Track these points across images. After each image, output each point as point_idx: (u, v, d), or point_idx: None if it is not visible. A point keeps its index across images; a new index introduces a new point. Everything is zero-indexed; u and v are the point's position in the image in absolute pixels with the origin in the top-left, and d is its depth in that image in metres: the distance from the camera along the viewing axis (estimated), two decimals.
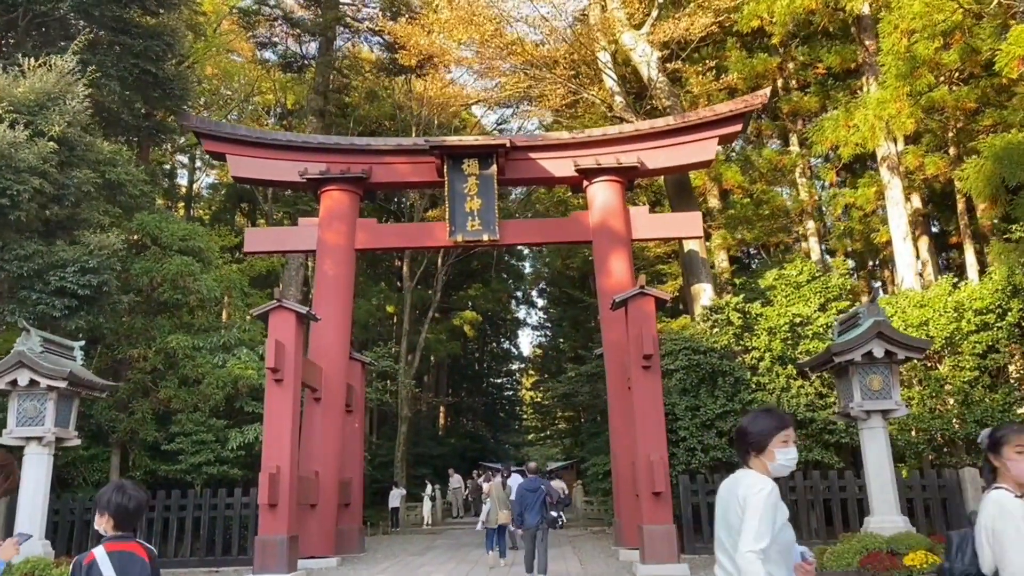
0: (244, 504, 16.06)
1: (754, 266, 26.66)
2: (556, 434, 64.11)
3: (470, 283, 44.50)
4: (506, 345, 62.57)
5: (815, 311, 16.55)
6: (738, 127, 17.42)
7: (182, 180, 39.07)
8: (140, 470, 17.40)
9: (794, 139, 23.27)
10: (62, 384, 11.65)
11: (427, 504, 27.76)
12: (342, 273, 17.17)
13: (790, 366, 16.15)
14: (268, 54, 29.27)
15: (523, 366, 64.71)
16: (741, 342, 16.43)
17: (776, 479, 3.29)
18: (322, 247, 17.21)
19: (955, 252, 23.92)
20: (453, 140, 17.25)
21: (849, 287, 18.04)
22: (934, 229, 23.60)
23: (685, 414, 16.13)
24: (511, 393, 65.26)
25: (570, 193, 25.14)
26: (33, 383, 11.56)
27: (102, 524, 3.33)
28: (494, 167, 17.09)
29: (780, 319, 16.16)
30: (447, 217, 17.32)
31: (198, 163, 40.47)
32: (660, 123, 17.39)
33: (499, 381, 62.67)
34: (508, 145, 16.86)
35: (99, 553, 3.23)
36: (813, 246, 22.32)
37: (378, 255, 40.54)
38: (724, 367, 16.16)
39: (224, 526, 15.68)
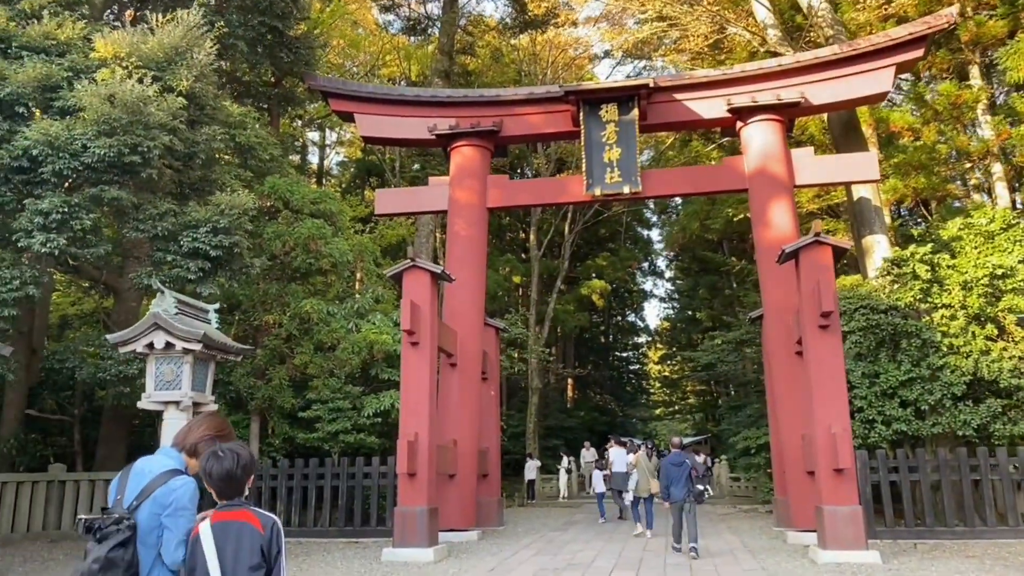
0: (382, 473, 15.52)
1: (918, 225, 23.81)
2: (685, 408, 62.18)
3: (597, 252, 43.08)
4: (632, 318, 60.88)
5: (1019, 262, 14.13)
6: (919, 52, 15.10)
7: (313, 159, 39.61)
8: (279, 437, 17.23)
9: (975, 71, 20.33)
10: (197, 346, 11.21)
11: (563, 477, 26.81)
12: (474, 233, 16.22)
13: (990, 325, 13.87)
14: (391, 18, 28.72)
15: (650, 339, 62.99)
16: (928, 299, 14.25)
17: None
18: (453, 206, 16.32)
19: None
20: (590, 84, 15.86)
21: None
22: None
23: (862, 382, 14.19)
24: (637, 367, 63.75)
25: (711, 145, 23.22)
26: (169, 346, 11.18)
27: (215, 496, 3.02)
28: (635, 111, 15.59)
29: (978, 271, 13.87)
30: (584, 169, 16.00)
31: (328, 140, 40.99)
32: (826, 52, 15.32)
33: (625, 355, 61.35)
34: (651, 85, 15.31)
35: (203, 526, 2.90)
36: (1001, 193, 19.43)
37: (504, 224, 39.85)
38: (908, 328, 14.07)
39: (363, 496, 15.18)
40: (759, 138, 15.38)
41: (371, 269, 20.10)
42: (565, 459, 27.42)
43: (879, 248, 16.79)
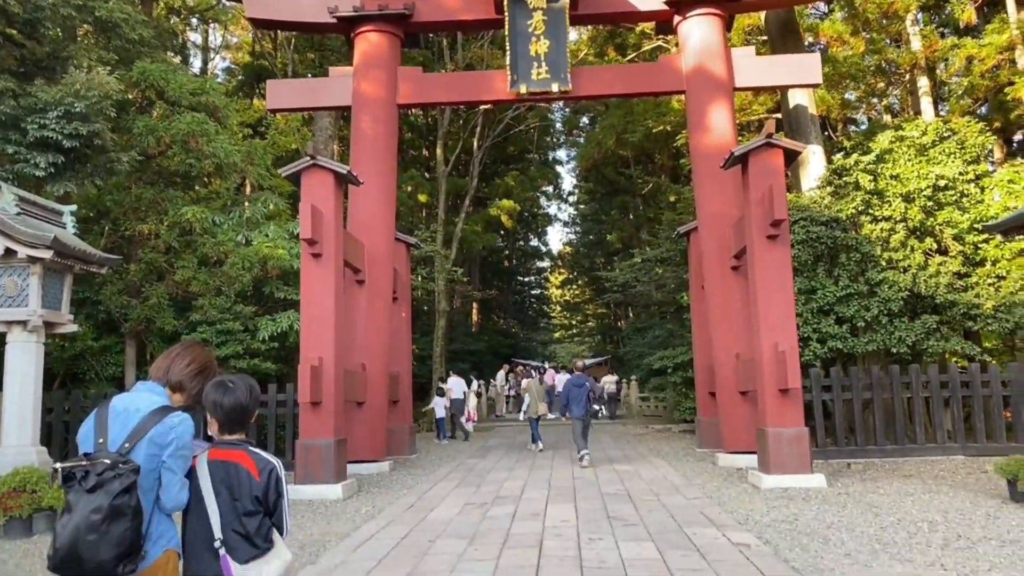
0: (279, 402, 13.93)
1: (847, 140, 23.36)
2: (585, 331, 62.84)
3: (506, 171, 41.53)
4: (535, 242, 60.22)
5: (959, 174, 13.58)
6: None
7: (195, 64, 35.85)
8: None
9: None
10: (46, 254, 9.16)
11: (472, 400, 25.76)
12: (383, 132, 14.36)
13: (929, 239, 13.34)
14: None
15: (552, 264, 62.88)
16: (869, 211, 13.56)
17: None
18: (358, 100, 14.35)
19: None
20: None
21: (988, 147, 14.95)
22: None
23: (798, 298, 13.49)
24: (539, 291, 63.70)
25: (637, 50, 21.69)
26: (9, 253, 9.09)
27: (212, 429, 2.83)
28: None
29: (921, 181, 13.22)
30: (508, 64, 14.30)
31: (212, 39, 37.16)
32: None
33: (528, 279, 61.04)
34: None
35: (201, 461, 2.74)
36: (926, 107, 18.99)
37: (406, 139, 37.50)
38: (848, 241, 13.39)
39: (257, 427, 13.55)
40: (698, 34, 14.06)
41: (263, 176, 17.89)
42: (475, 382, 26.40)
43: (815, 159, 16.01)
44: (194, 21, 32.49)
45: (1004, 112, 18.81)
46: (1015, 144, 21.44)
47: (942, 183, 13.24)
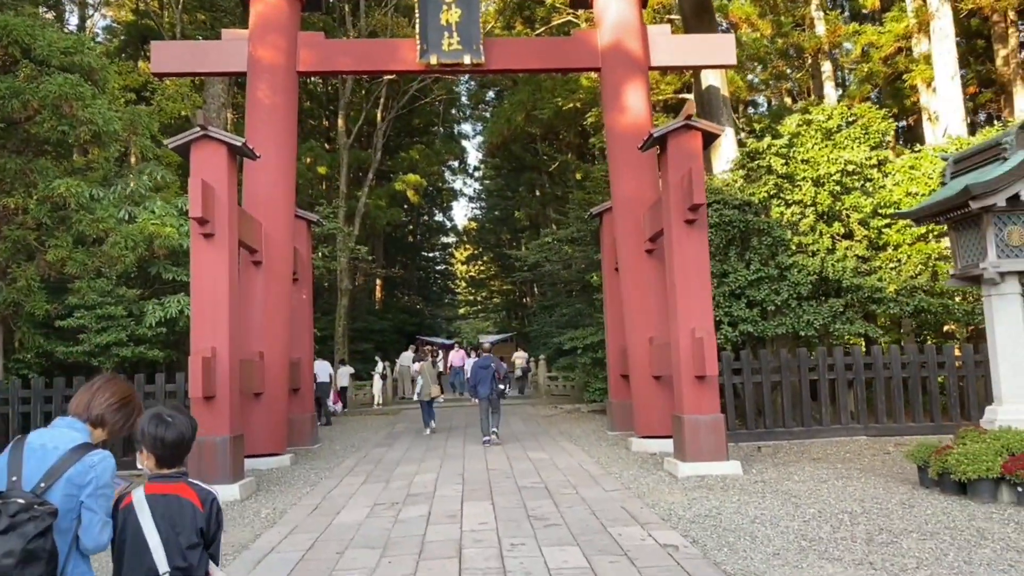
0: (169, 393, 12.89)
1: (749, 123, 23.67)
2: (490, 307, 62.81)
3: (410, 144, 40.44)
4: (439, 217, 59.42)
5: (865, 159, 13.79)
6: None
7: (72, 21, 33.05)
8: (31, 351, 13.89)
9: None
10: None
11: (377, 383, 25.05)
12: (282, 101, 13.36)
13: (836, 224, 13.52)
14: None
15: (457, 239, 62.36)
16: (781, 195, 13.61)
17: None
18: (255, 67, 13.27)
19: (991, 102, 21.46)
20: None
21: (893, 133, 15.29)
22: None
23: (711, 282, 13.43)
24: (443, 267, 63.09)
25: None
26: None
27: (143, 461, 2.77)
28: None
29: (831, 166, 13.34)
30: (417, 33, 13.53)
31: None
32: None
33: (432, 255, 60.23)
34: None
35: (137, 496, 2.67)
36: (829, 92, 19.37)
37: (305, 108, 35.84)
38: (760, 225, 13.41)
39: None
40: (615, 9, 13.68)
41: (148, 147, 16.47)
42: (380, 364, 25.61)
43: (727, 141, 16.02)
44: None
45: (899, 99, 19.40)
46: (906, 130, 22.26)
47: (850, 168, 13.41)
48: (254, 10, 13.42)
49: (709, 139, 11.13)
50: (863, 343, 15.21)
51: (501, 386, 14.40)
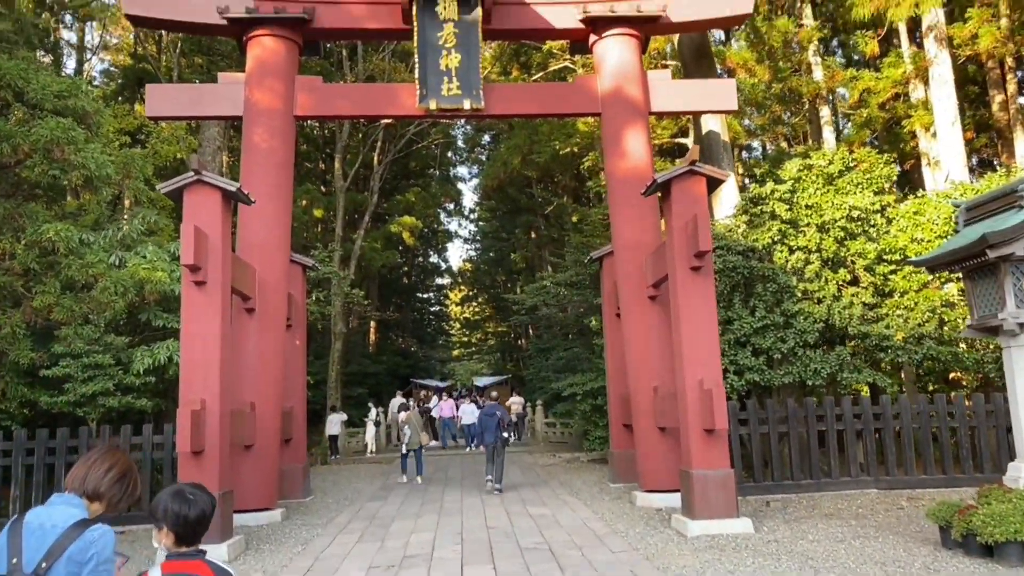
0: (156, 444, 12.45)
1: (743, 167, 23.64)
2: (484, 349, 62.26)
3: (406, 186, 40.39)
4: (434, 259, 59.17)
5: (870, 205, 13.62)
6: None
7: (70, 64, 33.09)
8: (13, 401, 13.40)
9: (808, 11, 19.94)
10: None
11: (371, 430, 24.50)
12: (278, 146, 13.14)
13: (842, 270, 13.28)
14: None
15: (452, 280, 62.08)
16: (785, 241, 13.39)
17: None
18: (251, 111, 13.09)
19: (987, 147, 21.51)
20: None
21: (895, 178, 15.14)
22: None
23: None
24: (438, 308, 62.66)
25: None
26: None
27: (161, 539, 2.72)
28: (478, 10, 13.21)
29: (836, 212, 13.14)
30: (417, 77, 13.40)
31: (89, 38, 34.40)
32: None
33: (427, 296, 59.82)
34: None
35: (153, 574, 2.61)
36: (827, 136, 19.34)
37: (302, 151, 35.81)
38: (764, 271, 13.15)
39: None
40: (615, 55, 13.60)
41: (142, 191, 16.22)
42: (373, 410, 25.09)
43: (728, 186, 15.87)
44: (68, 18, 29.96)
45: (897, 144, 19.37)
46: (903, 174, 22.23)
47: (855, 213, 13.22)
48: (252, 54, 13.29)
49: (713, 185, 10.93)
50: (867, 391, 14.89)
51: (505, 434, 14.50)
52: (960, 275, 9.84)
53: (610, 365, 15.51)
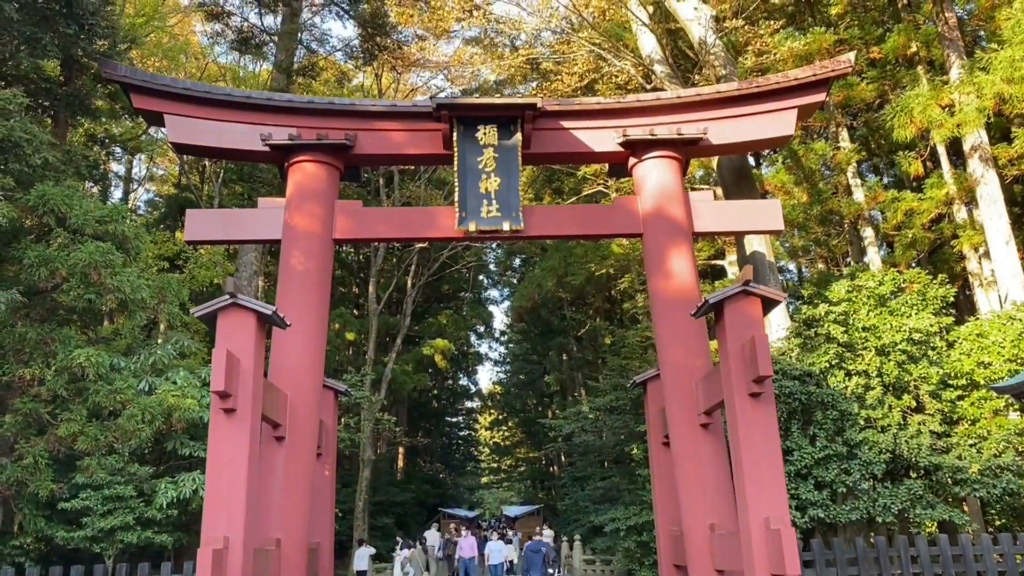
0: None
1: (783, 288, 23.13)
2: (514, 476, 60.15)
3: (438, 309, 40.41)
4: (464, 381, 58.35)
5: (929, 327, 12.94)
6: (820, 96, 13.91)
7: (116, 194, 34.29)
8: (29, 536, 12.73)
9: (844, 134, 19.96)
10: None
11: (398, 568, 23.06)
12: (314, 268, 12.92)
13: (906, 396, 12.46)
14: (218, 28, 24.82)
15: (482, 404, 60.89)
16: (843, 365, 12.67)
17: None
18: (289, 234, 12.97)
19: None
20: (467, 99, 13.30)
21: (951, 299, 14.51)
22: None
23: None
24: (467, 432, 61.25)
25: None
26: None
27: None
28: (518, 136, 13.19)
29: (896, 334, 12.47)
30: (456, 200, 13.29)
31: (136, 170, 35.81)
32: (728, 88, 13.77)
33: (456, 420, 58.62)
34: (538, 106, 12.98)
35: None
36: (872, 257, 18.89)
37: (335, 275, 36.15)
38: (823, 397, 12.36)
39: None
40: (655, 177, 13.43)
41: (176, 315, 16.08)
42: (402, 552, 23.66)
43: (776, 309, 15.30)
44: (118, 151, 31.18)
45: (943, 264, 18.87)
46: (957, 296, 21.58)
47: (916, 336, 12.53)
48: (292, 179, 13.32)
49: (768, 306, 10.39)
50: (935, 527, 13.69)
51: (551, 570, 14.42)
52: None
53: (658, 498, 14.47)
